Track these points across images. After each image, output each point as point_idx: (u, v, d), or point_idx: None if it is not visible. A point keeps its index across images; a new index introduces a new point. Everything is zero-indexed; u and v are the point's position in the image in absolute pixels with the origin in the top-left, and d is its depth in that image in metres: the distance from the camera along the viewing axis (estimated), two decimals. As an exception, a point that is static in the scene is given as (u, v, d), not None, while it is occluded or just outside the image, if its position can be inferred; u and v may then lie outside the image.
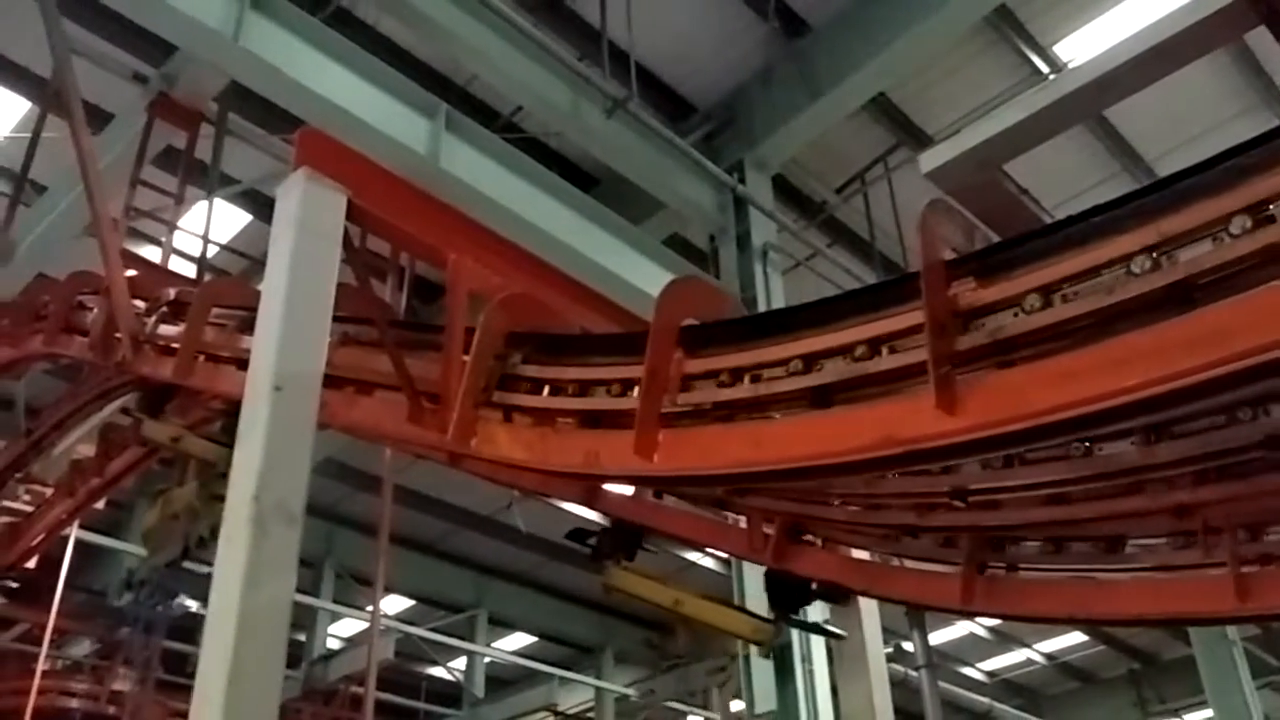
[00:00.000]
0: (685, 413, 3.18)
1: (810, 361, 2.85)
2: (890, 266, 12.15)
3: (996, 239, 2.80)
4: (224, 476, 5.16)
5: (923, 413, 2.52)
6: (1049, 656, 22.90)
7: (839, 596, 4.76)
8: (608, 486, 4.96)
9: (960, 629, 20.11)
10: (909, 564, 4.37)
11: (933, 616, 12.40)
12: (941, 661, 12.19)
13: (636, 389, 3.19)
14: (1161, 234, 2.25)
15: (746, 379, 3.02)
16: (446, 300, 3.97)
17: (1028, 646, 22.28)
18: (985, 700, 18.84)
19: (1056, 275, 2.41)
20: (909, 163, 11.37)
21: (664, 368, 3.15)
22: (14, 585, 7.75)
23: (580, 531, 5.30)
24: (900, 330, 2.67)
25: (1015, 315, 2.46)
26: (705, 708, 13.55)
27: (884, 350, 2.70)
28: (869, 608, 5.20)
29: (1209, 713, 14.47)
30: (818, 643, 8.54)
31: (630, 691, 18.20)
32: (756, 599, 5.28)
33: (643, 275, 9.32)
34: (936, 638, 16.23)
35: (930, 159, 6.67)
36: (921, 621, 11.01)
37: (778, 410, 3.00)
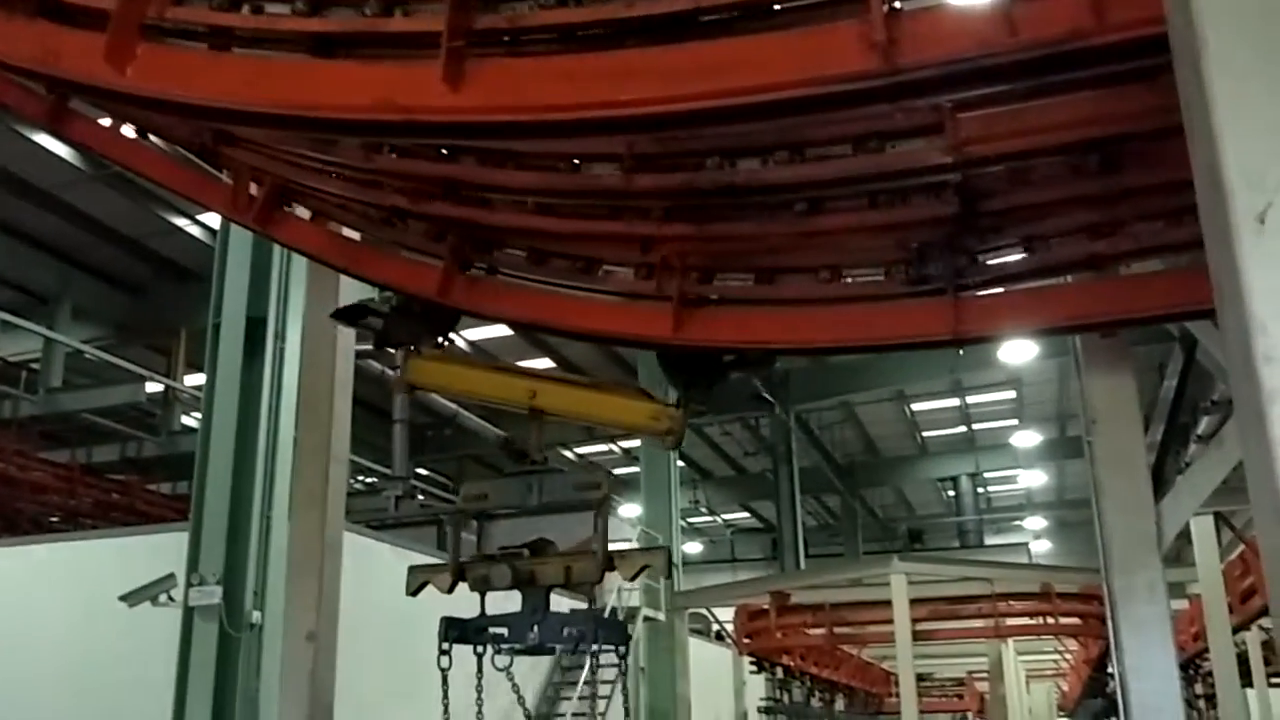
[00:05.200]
0: (173, 30, 2.83)
1: (321, 5, 2.63)
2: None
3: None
4: None
5: (428, 84, 2.44)
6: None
7: (758, 362, 3.89)
8: (78, 108, 4.32)
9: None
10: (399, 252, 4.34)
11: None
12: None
13: (117, -12, 2.76)
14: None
15: (247, 7, 2.72)
16: None
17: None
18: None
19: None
20: None
21: (154, -32, 2.74)
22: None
23: (357, 309, 4.11)
24: (422, -8, 2.53)
25: (535, 5, 2.42)
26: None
27: (400, 11, 2.55)
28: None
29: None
30: (294, 320, 8.42)
31: (85, 347, 17.02)
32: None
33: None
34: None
35: None
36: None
37: (279, 50, 2.76)
